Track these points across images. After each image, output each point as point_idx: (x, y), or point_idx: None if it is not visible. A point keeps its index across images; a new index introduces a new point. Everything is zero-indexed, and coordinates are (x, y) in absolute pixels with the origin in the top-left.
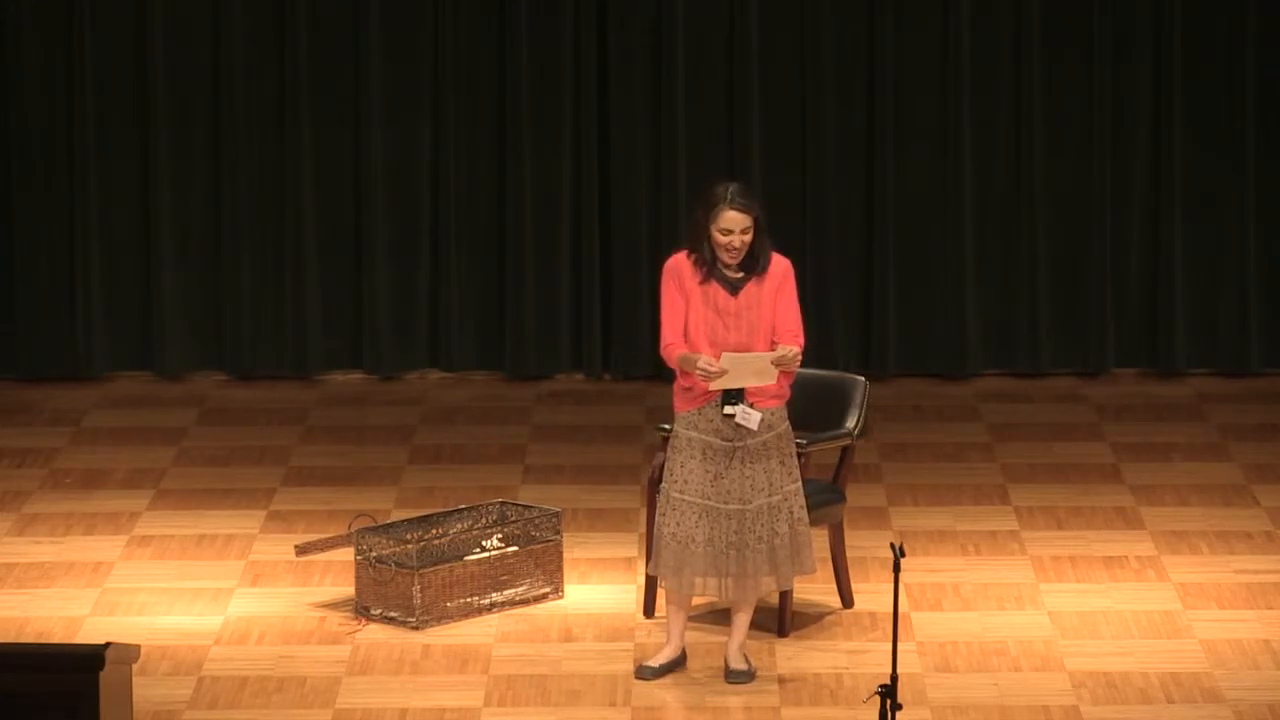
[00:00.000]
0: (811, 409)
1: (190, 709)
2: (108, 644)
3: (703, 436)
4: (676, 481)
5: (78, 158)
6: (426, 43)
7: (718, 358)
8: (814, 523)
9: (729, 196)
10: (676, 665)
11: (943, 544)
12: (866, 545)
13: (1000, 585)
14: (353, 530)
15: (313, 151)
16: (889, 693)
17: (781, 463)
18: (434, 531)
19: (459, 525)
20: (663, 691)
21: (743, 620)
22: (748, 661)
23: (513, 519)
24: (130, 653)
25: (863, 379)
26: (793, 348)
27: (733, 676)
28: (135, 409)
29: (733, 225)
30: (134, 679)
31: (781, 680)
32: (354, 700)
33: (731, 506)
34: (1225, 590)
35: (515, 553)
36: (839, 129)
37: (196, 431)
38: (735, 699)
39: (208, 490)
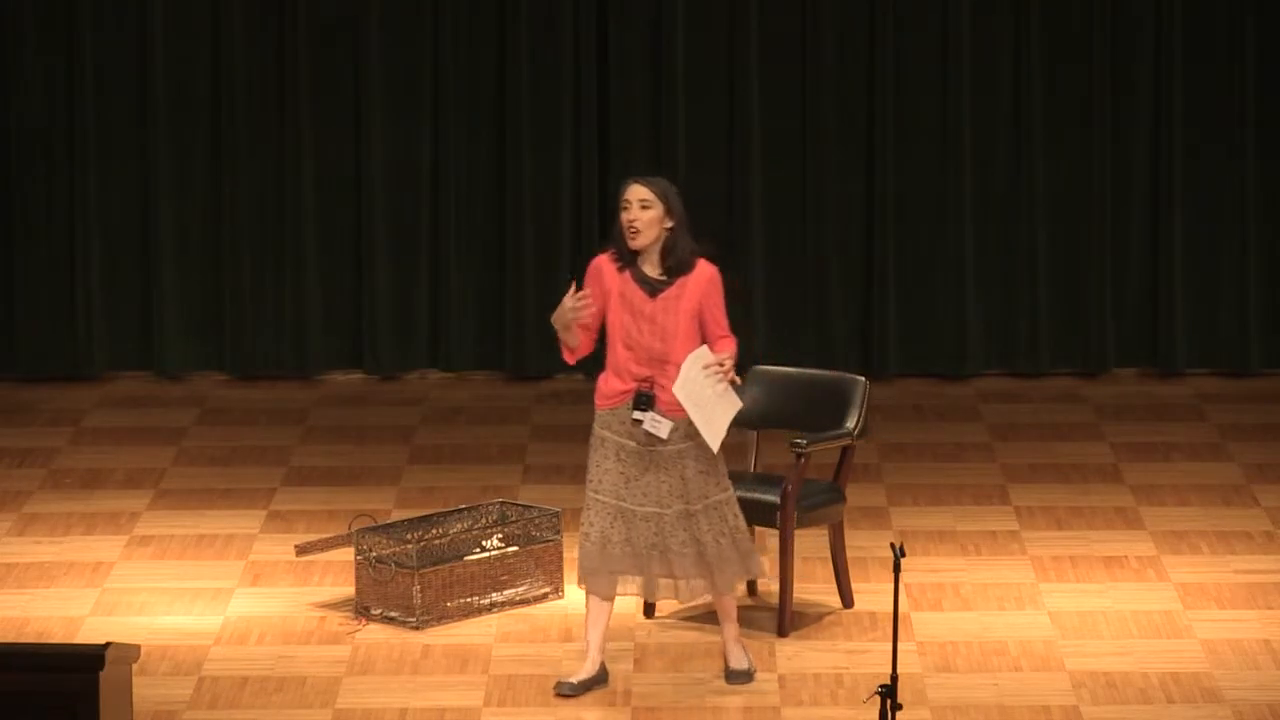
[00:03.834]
0: (811, 409)
1: (190, 709)
2: (108, 644)
3: (616, 438)
4: (592, 481)
5: (78, 158)
6: (426, 43)
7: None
8: (814, 523)
9: (633, 175)
10: (597, 683)
11: (943, 544)
12: (866, 545)
13: (1000, 585)
14: (353, 530)
15: (313, 151)
16: (889, 693)
17: (703, 471)
18: (434, 531)
19: (459, 525)
20: (663, 691)
21: (728, 623)
22: (748, 661)
23: (513, 519)
24: (130, 653)
25: (863, 379)
26: (724, 354)
27: (733, 676)
28: (135, 409)
29: (631, 197)
30: (134, 679)
31: (781, 680)
32: (354, 700)
33: (648, 509)
34: (1225, 590)
35: (515, 553)
36: (839, 129)
37: (197, 431)
38: (735, 699)
39: (208, 490)
